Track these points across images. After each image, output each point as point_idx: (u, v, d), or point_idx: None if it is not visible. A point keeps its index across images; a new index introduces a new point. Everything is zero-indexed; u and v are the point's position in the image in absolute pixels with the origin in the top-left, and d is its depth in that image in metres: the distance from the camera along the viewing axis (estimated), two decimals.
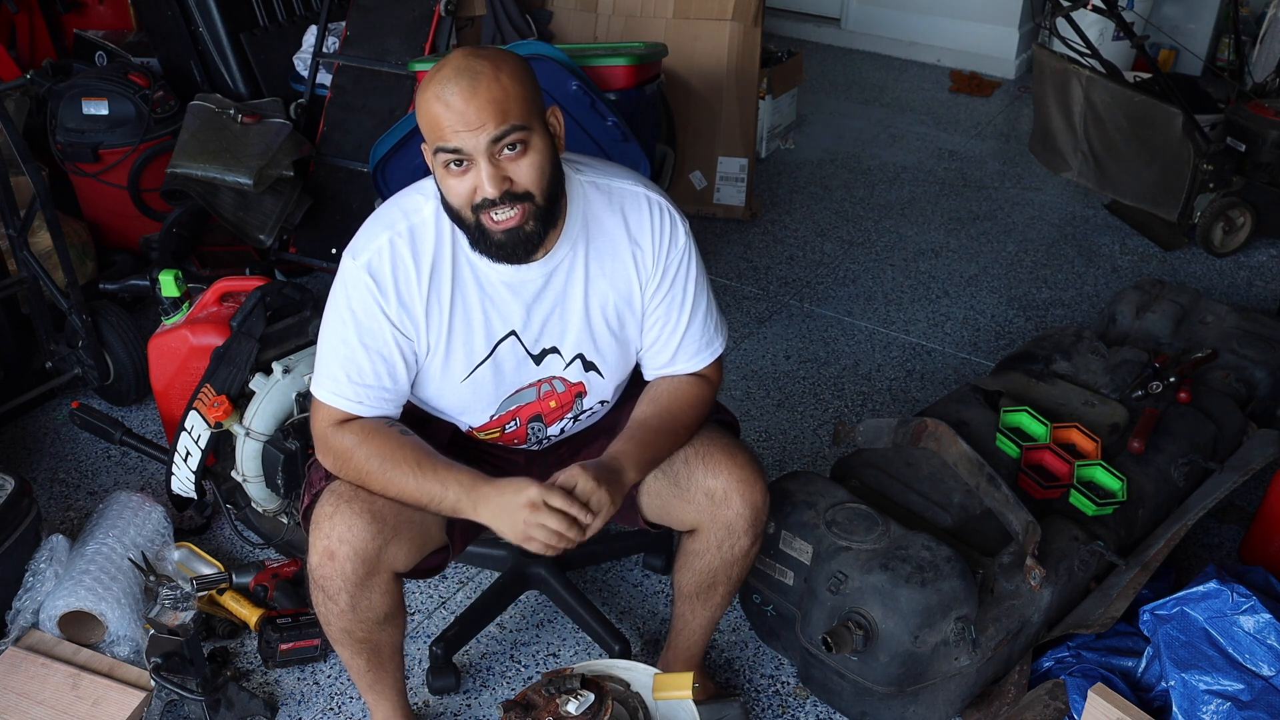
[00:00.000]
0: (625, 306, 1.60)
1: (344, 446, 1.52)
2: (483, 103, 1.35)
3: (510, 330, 1.56)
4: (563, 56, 2.55)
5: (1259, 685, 1.66)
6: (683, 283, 1.61)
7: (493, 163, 1.38)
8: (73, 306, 2.54)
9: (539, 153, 1.41)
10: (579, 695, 1.54)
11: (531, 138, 1.40)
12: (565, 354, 1.60)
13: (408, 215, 1.51)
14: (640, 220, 1.57)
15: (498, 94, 1.35)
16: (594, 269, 1.56)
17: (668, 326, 1.62)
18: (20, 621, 2.00)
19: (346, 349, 1.51)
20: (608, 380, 1.66)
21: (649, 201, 1.58)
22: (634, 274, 1.58)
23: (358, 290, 1.50)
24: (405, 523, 1.54)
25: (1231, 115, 3.49)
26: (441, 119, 1.36)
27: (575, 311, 1.57)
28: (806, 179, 4.15)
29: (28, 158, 2.46)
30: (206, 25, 3.19)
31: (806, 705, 1.99)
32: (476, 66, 1.36)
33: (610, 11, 3.58)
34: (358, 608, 1.54)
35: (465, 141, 1.36)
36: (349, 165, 3.08)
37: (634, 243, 1.57)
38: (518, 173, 1.40)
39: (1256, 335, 2.46)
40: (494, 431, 1.68)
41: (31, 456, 2.61)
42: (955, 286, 3.41)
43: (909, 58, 5.45)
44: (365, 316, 1.50)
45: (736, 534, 1.65)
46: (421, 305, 1.51)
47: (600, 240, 1.55)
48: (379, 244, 1.49)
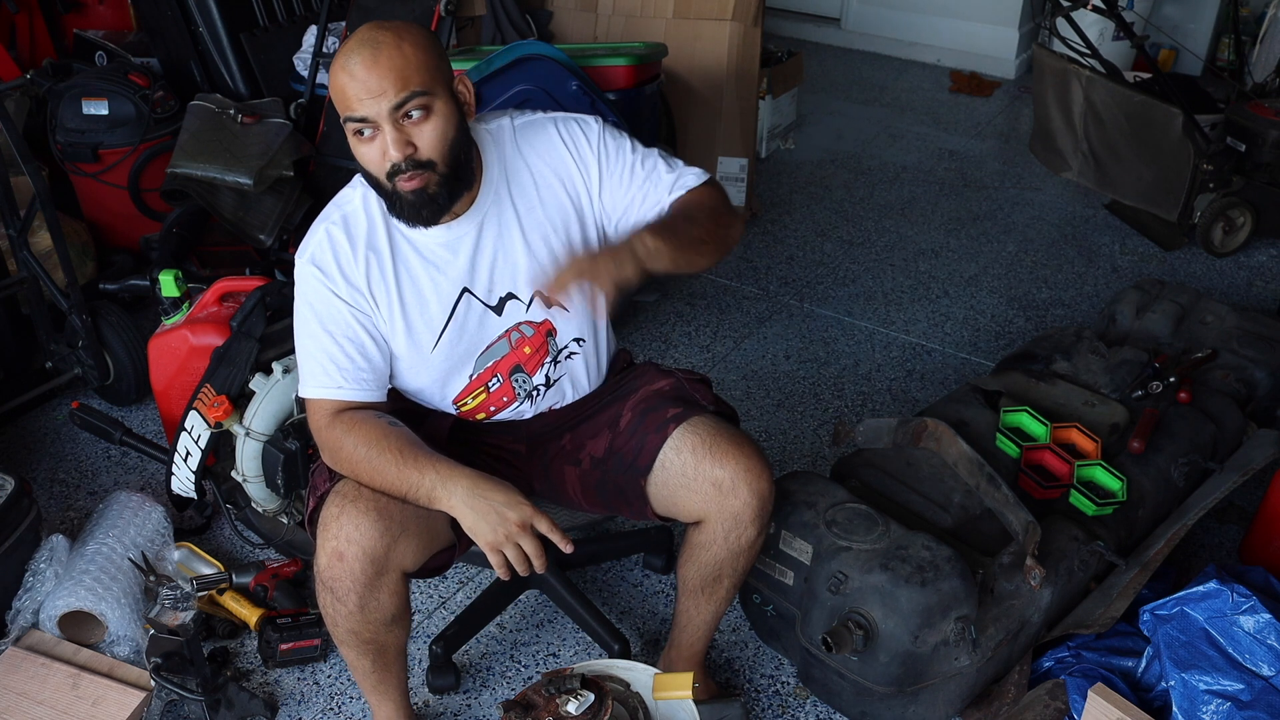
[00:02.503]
0: (575, 223, 1.64)
1: (335, 439, 1.55)
2: (384, 70, 1.40)
3: (462, 288, 1.60)
4: (563, 56, 2.55)
5: (1259, 685, 1.66)
6: (621, 151, 1.64)
7: (396, 128, 1.43)
8: (73, 306, 2.54)
9: (443, 118, 1.45)
10: (579, 695, 1.54)
11: (434, 103, 1.44)
12: (522, 296, 1.64)
13: (340, 206, 1.60)
14: (549, 140, 1.63)
15: (399, 62, 1.40)
16: (522, 205, 1.61)
17: (637, 178, 1.64)
18: (20, 621, 2.00)
19: (315, 341, 1.57)
20: (575, 309, 1.68)
21: (551, 121, 1.64)
22: (563, 192, 1.63)
23: (308, 284, 1.57)
24: (412, 520, 1.54)
25: (1231, 115, 3.49)
26: (347, 88, 1.41)
27: (518, 251, 1.61)
28: (806, 179, 4.15)
29: (28, 158, 2.46)
30: (206, 25, 3.19)
31: (806, 705, 1.99)
32: (379, 37, 1.42)
33: (610, 11, 3.58)
34: (366, 609, 1.54)
35: (369, 109, 1.41)
36: (349, 165, 3.02)
37: (552, 163, 1.62)
38: (420, 138, 1.44)
39: (1256, 335, 2.46)
40: (480, 394, 1.69)
41: (31, 456, 2.61)
42: (955, 286, 3.41)
43: (909, 58, 5.45)
44: (320, 305, 1.57)
45: (744, 524, 1.65)
46: (365, 283, 1.57)
47: (520, 175, 1.61)
48: (317, 237, 1.58)
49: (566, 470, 1.77)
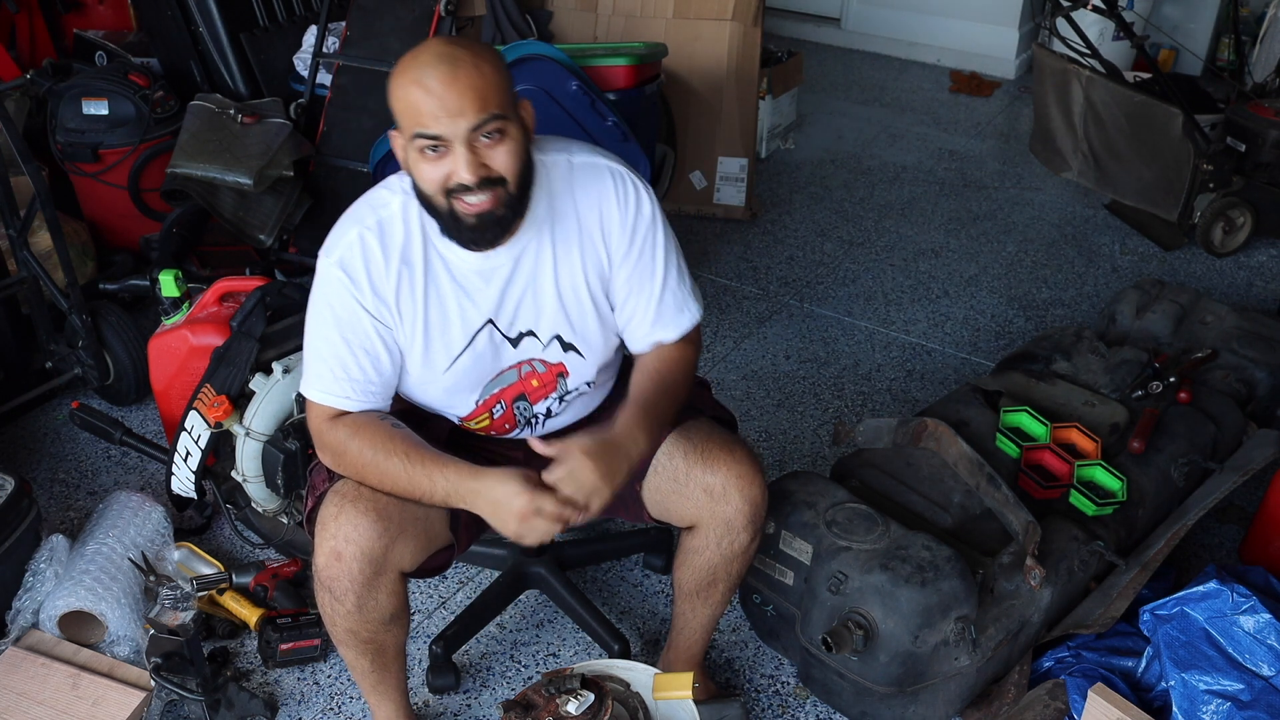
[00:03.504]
0: (598, 281, 1.60)
1: (338, 441, 1.53)
2: (464, 89, 1.35)
3: (486, 319, 1.57)
4: (563, 56, 2.55)
5: (1259, 685, 1.66)
6: (650, 252, 1.60)
7: (471, 149, 1.39)
8: (73, 306, 2.54)
9: (515, 141, 1.42)
10: (579, 695, 1.54)
11: (509, 126, 1.41)
12: (542, 336, 1.61)
13: (375, 210, 1.53)
14: (605, 192, 1.57)
15: (478, 81, 1.36)
16: (561, 248, 1.56)
17: (643, 294, 1.61)
18: (20, 621, 2.00)
19: (329, 346, 1.53)
20: (589, 360, 1.66)
21: (612, 173, 1.58)
22: (602, 252, 1.58)
23: (332, 286, 1.52)
24: (410, 520, 1.54)
25: (1231, 115, 3.49)
26: (421, 104, 1.36)
27: (547, 293, 1.58)
28: (806, 179, 4.15)
29: (28, 158, 2.46)
30: (206, 25, 3.18)
31: (806, 705, 1.99)
32: (456, 54, 1.37)
33: (610, 11, 3.58)
34: (364, 608, 1.54)
35: (445, 128, 1.37)
36: (349, 165, 3.08)
37: (599, 215, 1.57)
38: (494, 159, 1.41)
39: (1256, 335, 2.46)
40: (483, 418, 1.68)
41: (31, 456, 2.61)
42: (955, 286, 3.41)
43: (909, 58, 5.45)
44: (343, 311, 1.52)
45: (735, 530, 1.65)
46: (394, 296, 1.52)
47: (566, 219, 1.56)
48: (349, 239, 1.52)
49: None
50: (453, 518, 1.63)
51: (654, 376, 1.61)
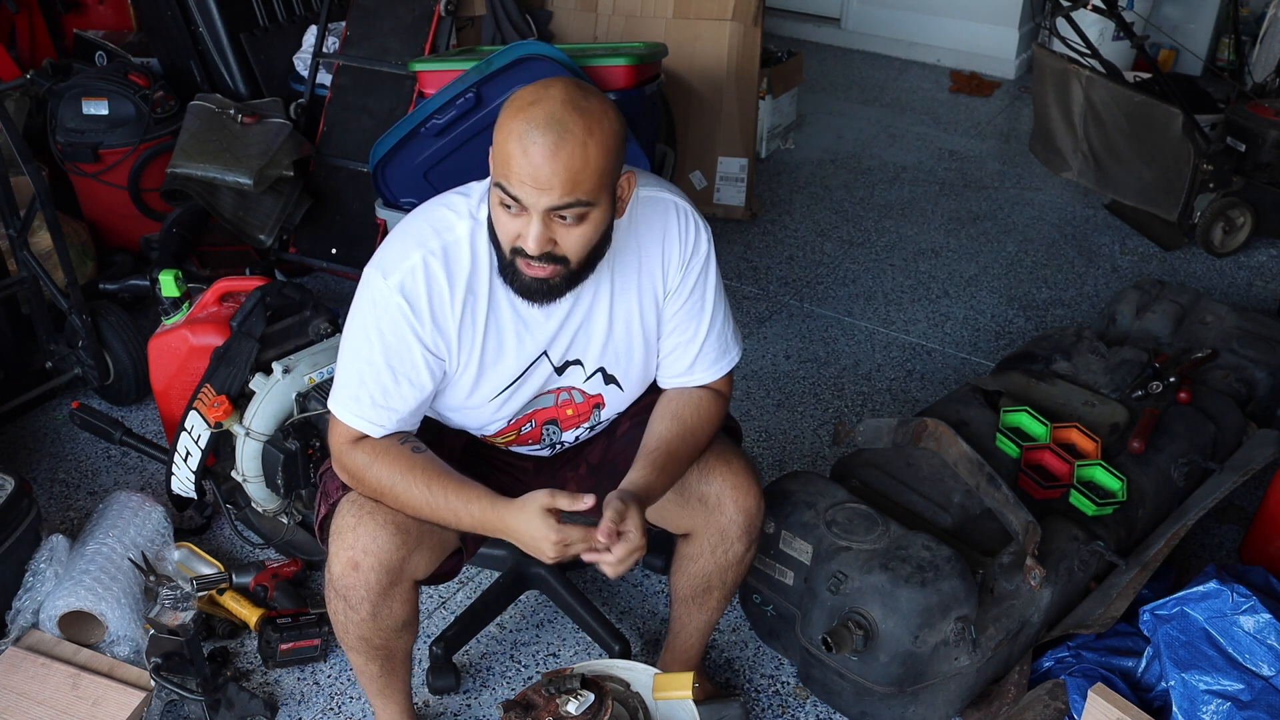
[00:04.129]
0: (653, 312, 1.58)
1: (357, 465, 1.50)
2: (559, 167, 1.29)
3: (542, 351, 1.54)
4: (563, 57, 2.55)
5: (1259, 685, 1.66)
6: (702, 291, 1.58)
7: (545, 224, 1.34)
8: (73, 306, 2.54)
9: (593, 225, 1.37)
10: (579, 695, 1.54)
11: (592, 211, 1.35)
12: (587, 367, 1.59)
13: (440, 234, 1.46)
14: (668, 229, 1.54)
15: (577, 163, 1.30)
16: (619, 281, 1.53)
17: (687, 333, 1.59)
18: (20, 621, 2.00)
19: (372, 370, 1.46)
20: (627, 393, 1.64)
21: (676, 208, 1.55)
22: (659, 284, 1.56)
23: (389, 312, 1.44)
24: (427, 532, 1.53)
25: (1231, 115, 3.49)
26: (514, 163, 1.31)
27: (599, 326, 1.55)
28: (806, 179, 4.15)
29: (28, 158, 2.46)
30: (206, 25, 3.19)
31: (806, 705, 1.99)
32: (569, 123, 1.29)
33: (610, 11, 3.58)
34: (379, 616, 1.54)
35: (527, 196, 1.32)
36: (349, 165, 3.08)
37: (660, 249, 1.54)
38: (565, 239, 1.36)
39: (1256, 335, 2.46)
40: (510, 435, 1.67)
41: (31, 456, 2.61)
42: (955, 286, 3.41)
43: (909, 58, 5.45)
44: (395, 339, 1.45)
45: (730, 540, 1.65)
46: (455, 327, 1.47)
47: (627, 252, 1.52)
48: (412, 263, 1.44)
49: (567, 476, 1.77)
50: None
51: (684, 432, 1.57)
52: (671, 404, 1.61)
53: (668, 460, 1.52)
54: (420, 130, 2.63)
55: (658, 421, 1.58)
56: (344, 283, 3.22)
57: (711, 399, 1.63)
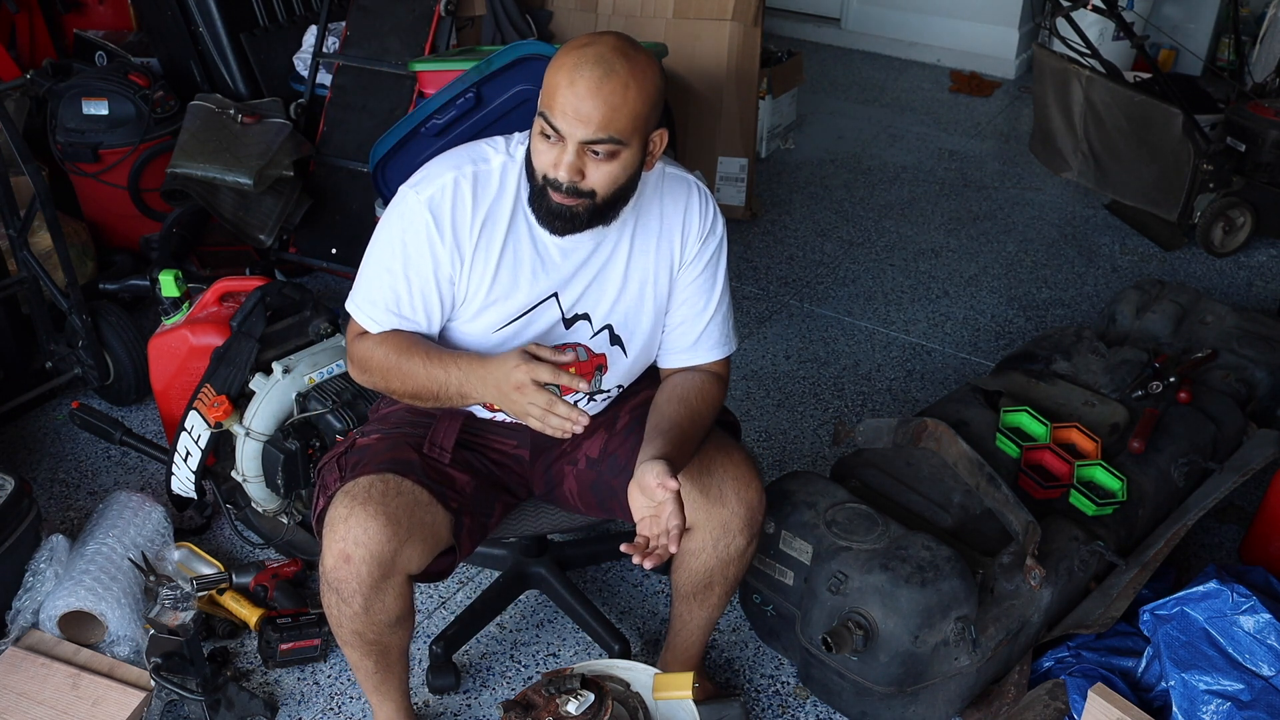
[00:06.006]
0: (666, 277, 1.65)
1: (366, 349, 1.59)
2: (599, 102, 1.39)
3: (553, 291, 1.60)
4: None
5: (1259, 685, 1.66)
6: (714, 270, 1.67)
7: (578, 155, 1.44)
8: (73, 306, 2.54)
9: (621, 165, 1.46)
10: (579, 695, 1.54)
11: (622, 151, 1.45)
12: (595, 322, 1.64)
13: (475, 162, 1.56)
14: (690, 203, 1.64)
15: (616, 101, 1.40)
16: (639, 241, 1.62)
17: (696, 306, 1.67)
18: (20, 621, 2.00)
19: (390, 277, 1.56)
20: (630, 360, 1.68)
21: (696, 188, 1.65)
22: (676, 252, 1.64)
23: (414, 224, 1.54)
24: (418, 525, 1.54)
25: (1231, 115, 3.49)
26: (559, 95, 1.41)
27: (613, 281, 1.62)
28: (806, 179, 4.15)
29: (28, 158, 2.46)
30: (206, 25, 3.19)
31: (806, 705, 1.99)
32: (614, 65, 1.40)
33: (610, 11, 3.58)
34: (371, 610, 1.54)
35: (566, 126, 1.42)
36: (349, 165, 3.08)
37: (682, 218, 1.63)
38: (593, 174, 1.46)
39: (1256, 335, 2.46)
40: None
41: (31, 456, 2.61)
42: (955, 286, 3.41)
43: (909, 58, 5.45)
44: (415, 250, 1.54)
45: (732, 533, 1.65)
46: (471, 246, 1.55)
47: (648, 218, 1.62)
48: (443, 181, 1.54)
49: (565, 470, 1.77)
50: (455, 522, 1.62)
51: (692, 414, 1.62)
52: (677, 388, 1.66)
53: (681, 439, 1.56)
54: (420, 130, 2.63)
55: (665, 405, 1.63)
56: (344, 283, 3.22)
57: (714, 384, 1.68)
